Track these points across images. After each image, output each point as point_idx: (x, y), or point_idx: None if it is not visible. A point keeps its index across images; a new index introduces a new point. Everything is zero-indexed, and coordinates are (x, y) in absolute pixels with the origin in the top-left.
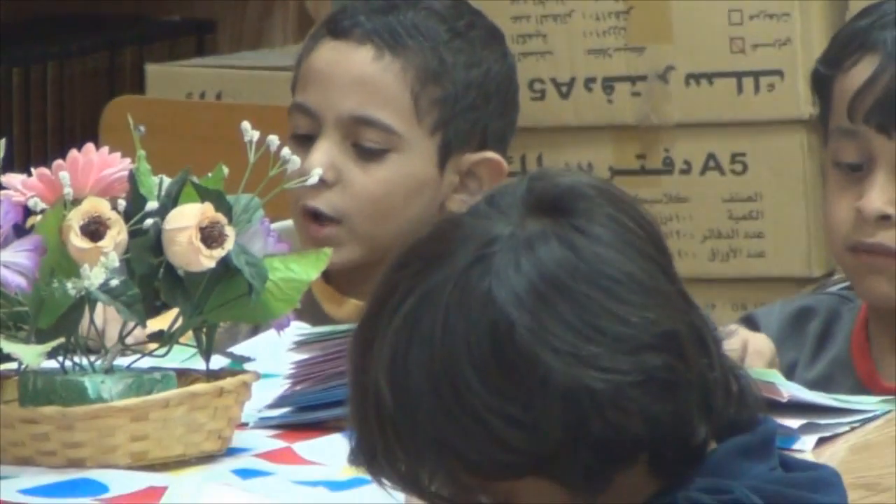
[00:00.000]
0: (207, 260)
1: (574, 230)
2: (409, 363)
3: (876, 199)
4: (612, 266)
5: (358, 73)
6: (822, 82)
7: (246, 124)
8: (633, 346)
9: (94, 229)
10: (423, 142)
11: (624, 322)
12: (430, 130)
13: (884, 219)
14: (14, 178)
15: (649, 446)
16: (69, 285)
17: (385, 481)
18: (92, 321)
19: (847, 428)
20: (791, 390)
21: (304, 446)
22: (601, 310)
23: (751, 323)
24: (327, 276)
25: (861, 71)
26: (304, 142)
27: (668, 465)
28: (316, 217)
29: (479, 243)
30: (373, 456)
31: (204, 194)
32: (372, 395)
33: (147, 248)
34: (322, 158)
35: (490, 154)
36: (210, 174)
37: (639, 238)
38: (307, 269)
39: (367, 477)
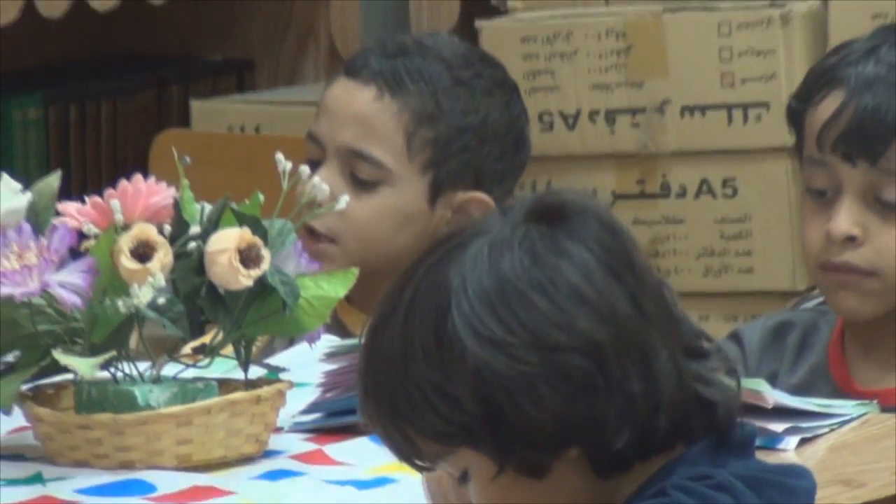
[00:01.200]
0: (246, 279)
1: (550, 240)
2: (387, 327)
3: (843, 222)
4: (562, 278)
5: (358, 110)
6: (795, 115)
7: (280, 155)
8: (551, 345)
9: (143, 252)
10: (414, 178)
11: (549, 323)
12: (422, 168)
13: (850, 240)
14: (70, 206)
15: (571, 442)
16: (120, 303)
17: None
18: (141, 337)
19: (827, 429)
20: (776, 397)
21: (334, 448)
22: (532, 308)
23: (736, 339)
24: (348, 296)
25: (828, 105)
26: (313, 167)
27: (603, 465)
28: (313, 234)
29: (469, 235)
30: (364, 413)
31: (242, 219)
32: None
33: (191, 268)
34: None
35: (479, 194)
36: (248, 201)
37: (615, 261)
38: (336, 287)
39: (392, 476)
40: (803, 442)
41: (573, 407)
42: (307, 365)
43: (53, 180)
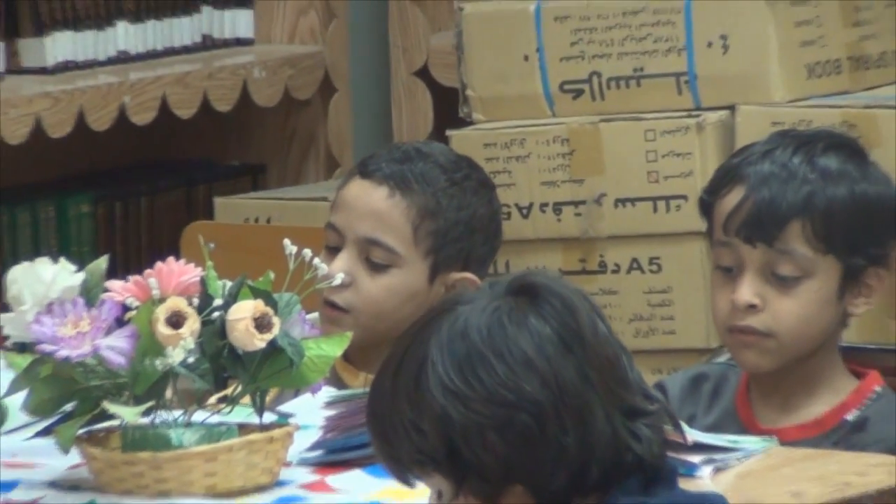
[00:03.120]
0: (260, 342)
1: (517, 313)
2: (385, 373)
3: (745, 293)
4: (518, 347)
5: (374, 206)
6: (705, 206)
7: (286, 241)
8: (501, 401)
9: (175, 320)
10: (418, 262)
11: (501, 383)
12: (424, 254)
13: (751, 307)
14: (115, 284)
15: (516, 480)
16: (157, 362)
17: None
18: (175, 389)
19: (736, 461)
20: (693, 435)
21: (334, 479)
22: (490, 370)
23: (661, 388)
24: (345, 355)
25: (732, 197)
26: (333, 251)
27: (544, 500)
28: (332, 306)
29: (455, 303)
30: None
31: (256, 293)
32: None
33: (215, 333)
34: (341, 266)
35: (468, 275)
36: (261, 278)
37: (569, 337)
38: (333, 348)
39: (381, 501)
40: (717, 471)
41: (515, 452)
42: (311, 411)
43: (102, 263)
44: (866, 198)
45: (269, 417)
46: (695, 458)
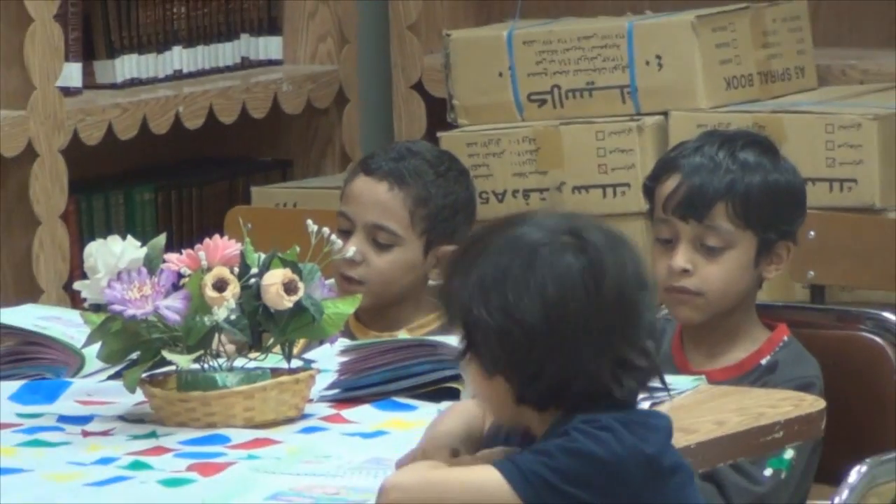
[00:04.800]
0: (288, 302)
1: (559, 247)
2: (455, 278)
3: (680, 260)
4: (544, 281)
5: (378, 198)
6: (648, 190)
7: (309, 221)
8: (509, 315)
9: (220, 285)
10: (414, 241)
11: (515, 304)
12: (420, 234)
13: (685, 272)
14: (172, 256)
15: (501, 374)
16: (205, 319)
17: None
18: (220, 341)
19: (670, 397)
20: None
21: (348, 412)
22: (514, 290)
23: None
24: (357, 316)
25: (670, 183)
26: (344, 234)
27: (521, 396)
28: (348, 279)
29: (521, 217)
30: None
31: (285, 263)
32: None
33: (252, 296)
34: (354, 247)
35: (454, 247)
36: (289, 251)
37: (590, 279)
38: (347, 306)
39: (387, 430)
40: (653, 405)
41: (505, 357)
42: (329, 358)
43: (161, 239)
44: (777, 185)
45: (295, 363)
46: None
